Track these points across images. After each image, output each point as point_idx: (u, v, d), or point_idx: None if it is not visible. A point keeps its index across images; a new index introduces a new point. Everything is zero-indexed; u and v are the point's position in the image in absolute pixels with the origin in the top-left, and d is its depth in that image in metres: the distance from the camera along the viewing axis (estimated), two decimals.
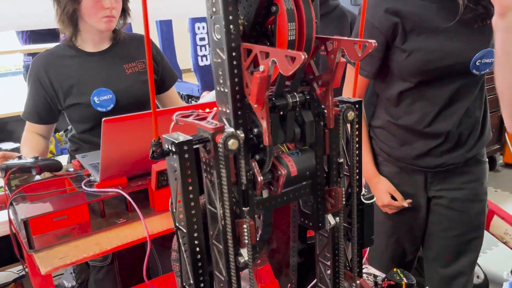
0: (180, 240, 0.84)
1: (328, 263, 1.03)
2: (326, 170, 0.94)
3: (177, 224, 0.84)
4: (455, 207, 1.70)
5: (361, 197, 1.03)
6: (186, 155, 0.75)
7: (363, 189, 1.04)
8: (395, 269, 1.18)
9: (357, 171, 0.99)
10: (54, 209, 1.28)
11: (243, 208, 0.82)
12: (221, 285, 0.89)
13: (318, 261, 1.06)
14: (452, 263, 1.76)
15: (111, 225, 1.34)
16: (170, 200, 0.84)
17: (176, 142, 0.74)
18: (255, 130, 0.81)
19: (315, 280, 1.09)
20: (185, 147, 0.75)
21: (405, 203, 1.70)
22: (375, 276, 1.25)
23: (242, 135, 0.76)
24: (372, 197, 1.05)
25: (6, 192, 1.43)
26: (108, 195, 1.34)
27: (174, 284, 0.92)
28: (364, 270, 1.38)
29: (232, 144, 0.75)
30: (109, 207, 1.42)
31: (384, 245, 1.83)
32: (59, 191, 1.38)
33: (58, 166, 1.46)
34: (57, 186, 1.44)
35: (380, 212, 1.80)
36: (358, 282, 1.03)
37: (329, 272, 1.03)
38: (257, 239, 1.02)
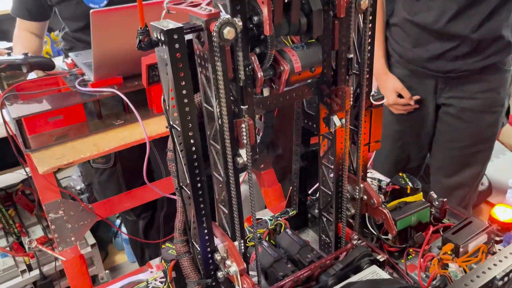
0: (175, 139, 0.79)
1: (332, 166, 0.99)
2: (334, 67, 0.86)
3: (171, 123, 0.78)
4: (464, 118, 1.63)
5: (370, 98, 0.95)
6: (177, 45, 0.67)
7: (373, 89, 0.96)
8: (400, 174, 1.14)
9: (368, 69, 0.91)
10: (49, 108, 1.23)
11: (242, 107, 0.75)
12: (220, 186, 0.86)
13: (321, 164, 1.02)
14: (455, 174, 1.73)
15: (109, 127, 1.29)
16: (162, 97, 0.78)
17: (165, 29, 0.66)
18: (255, 18, 0.72)
19: (317, 184, 1.06)
20: (175, 36, 0.66)
21: (412, 101, 1.64)
22: (379, 181, 1.22)
23: (240, 23, 0.67)
24: (382, 98, 0.98)
25: None
26: (103, 95, 1.27)
27: None
28: (368, 175, 1.35)
29: (228, 32, 0.66)
30: (106, 109, 1.37)
31: (388, 149, 1.79)
32: (53, 90, 1.32)
33: (50, 65, 1.38)
34: (50, 85, 1.38)
35: (387, 115, 1.73)
36: (361, 185, 0.99)
37: (332, 175, 1.00)
38: (258, 141, 0.98)
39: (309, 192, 1.20)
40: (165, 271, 0.94)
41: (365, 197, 1.00)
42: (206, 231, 0.85)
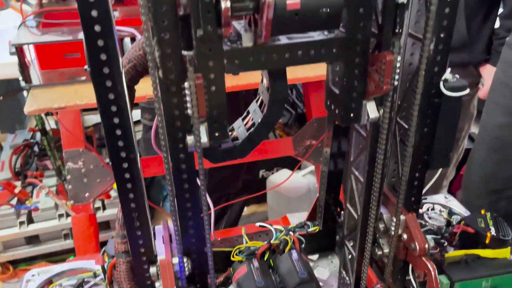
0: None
1: (362, 179, 0.65)
2: (380, 21, 0.52)
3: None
4: None
5: (441, 82, 0.58)
6: None
7: (449, 72, 0.59)
8: (483, 212, 0.75)
9: (444, 29, 0.54)
10: (64, 40, 1.06)
11: (184, 52, 0.46)
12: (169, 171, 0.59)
13: (350, 173, 0.68)
14: None
15: None
16: None
17: None
18: None
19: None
20: None
21: None
22: (450, 213, 0.83)
23: None
24: (463, 88, 0.60)
25: None
26: (123, 35, 1.06)
27: None
28: (441, 200, 0.96)
29: None
30: None
31: (480, 162, 1.28)
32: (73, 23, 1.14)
33: None
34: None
35: (486, 111, 1.26)
36: (401, 217, 0.64)
37: (360, 189, 0.66)
38: (259, 120, 0.68)
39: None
40: (104, 269, 0.70)
41: (405, 235, 0.65)
42: (139, 232, 0.59)
